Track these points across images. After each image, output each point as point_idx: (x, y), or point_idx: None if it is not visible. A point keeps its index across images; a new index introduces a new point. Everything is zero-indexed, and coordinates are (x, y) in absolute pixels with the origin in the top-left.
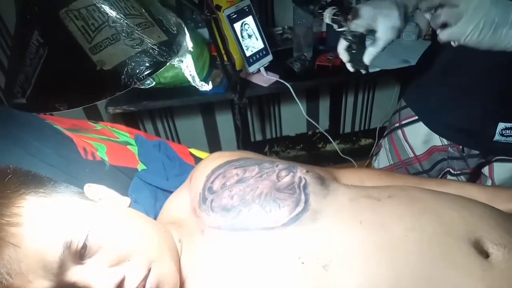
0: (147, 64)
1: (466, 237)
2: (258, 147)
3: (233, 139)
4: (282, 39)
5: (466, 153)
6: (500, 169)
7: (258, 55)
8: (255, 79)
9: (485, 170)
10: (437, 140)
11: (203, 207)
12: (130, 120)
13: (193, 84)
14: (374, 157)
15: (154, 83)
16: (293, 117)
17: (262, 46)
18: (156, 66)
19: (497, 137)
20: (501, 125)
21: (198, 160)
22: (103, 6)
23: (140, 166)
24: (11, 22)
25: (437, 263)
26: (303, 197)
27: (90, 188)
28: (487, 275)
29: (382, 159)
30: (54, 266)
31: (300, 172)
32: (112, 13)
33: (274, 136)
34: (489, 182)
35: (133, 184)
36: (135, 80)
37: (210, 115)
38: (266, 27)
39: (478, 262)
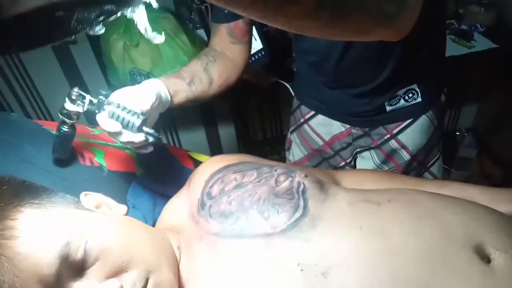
0: (98, 12)
1: (466, 242)
2: (259, 147)
3: (234, 138)
4: (281, 39)
5: (369, 129)
6: (406, 136)
7: (257, 56)
8: (254, 79)
9: (394, 144)
10: (336, 128)
11: (202, 213)
12: None
13: (146, 37)
14: (288, 152)
15: (104, 29)
16: None
17: (260, 46)
18: (107, 13)
19: (388, 108)
20: (387, 106)
21: (197, 163)
22: None
23: (138, 171)
24: None
25: (436, 269)
26: (301, 202)
27: (87, 197)
28: (488, 282)
29: (296, 152)
30: (50, 280)
31: (299, 176)
32: None
33: (274, 135)
34: (403, 152)
35: (132, 189)
36: (85, 25)
37: (209, 114)
38: (264, 27)
39: (479, 268)
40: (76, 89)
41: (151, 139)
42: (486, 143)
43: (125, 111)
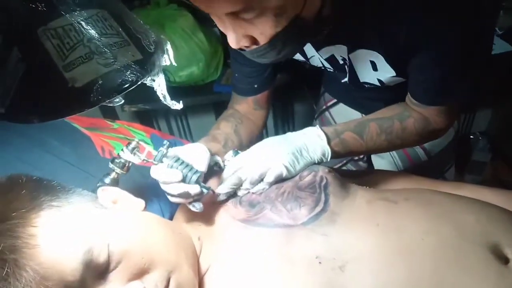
0: (118, 83)
1: (483, 241)
2: None
3: None
4: None
5: None
6: None
7: None
8: None
9: None
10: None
11: (232, 199)
12: (145, 118)
13: (165, 103)
14: None
15: (123, 101)
16: (307, 116)
17: None
18: (127, 84)
19: None
20: None
21: None
22: (79, 26)
23: None
24: None
25: (452, 267)
26: (323, 197)
27: (104, 192)
28: (505, 282)
29: None
30: (75, 286)
31: (322, 171)
32: (88, 33)
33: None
34: (420, 151)
35: (150, 182)
36: (104, 97)
37: (222, 107)
38: None
39: (495, 267)
40: (137, 140)
41: (205, 192)
42: (500, 147)
43: (182, 165)
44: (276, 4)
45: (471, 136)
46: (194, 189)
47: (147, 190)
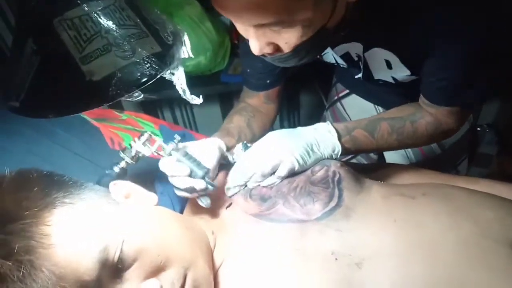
0: (137, 77)
1: (503, 237)
2: None
3: None
4: None
5: None
6: None
7: None
8: None
9: None
10: (372, 111)
11: (242, 192)
12: (150, 108)
13: (184, 97)
14: None
15: (142, 96)
16: (313, 107)
17: None
18: (146, 78)
19: None
20: None
21: None
22: (96, 16)
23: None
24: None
25: (473, 264)
26: (336, 192)
27: (116, 186)
28: None
29: None
30: (91, 286)
31: (334, 166)
32: (105, 24)
33: (293, 127)
34: (434, 144)
35: (160, 175)
36: (123, 92)
37: (228, 104)
38: None
39: None
40: (149, 132)
41: (210, 188)
42: (508, 140)
43: (190, 160)
44: (305, 17)
45: (478, 128)
46: (200, 184)
47: (158, 183)
